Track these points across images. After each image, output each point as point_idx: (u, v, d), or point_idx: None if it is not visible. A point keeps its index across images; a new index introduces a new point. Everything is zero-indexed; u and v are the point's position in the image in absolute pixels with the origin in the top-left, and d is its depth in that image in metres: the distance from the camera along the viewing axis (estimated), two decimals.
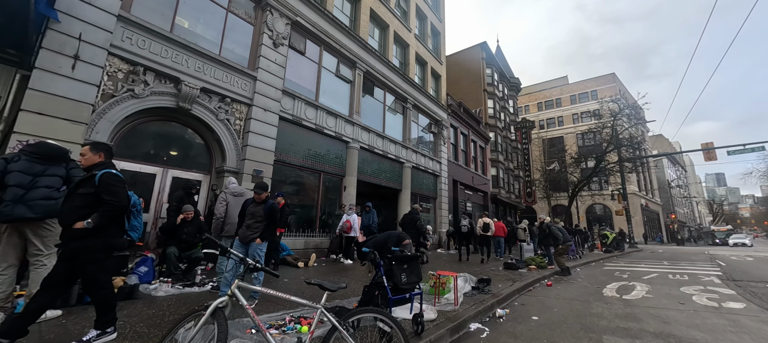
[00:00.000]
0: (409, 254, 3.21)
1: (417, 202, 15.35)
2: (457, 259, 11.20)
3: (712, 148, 20.53)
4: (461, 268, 8.56)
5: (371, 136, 12.46)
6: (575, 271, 9.49)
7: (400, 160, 14.07)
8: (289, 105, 9.33)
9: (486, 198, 23.51)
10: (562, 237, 8.65)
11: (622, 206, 23.13)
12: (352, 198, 11.12)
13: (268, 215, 4.14)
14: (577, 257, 12.80)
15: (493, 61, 28.06)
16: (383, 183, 13.11)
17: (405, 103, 15.06)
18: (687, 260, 13.48)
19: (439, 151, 17.43)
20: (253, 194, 4.26)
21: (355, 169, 11.36)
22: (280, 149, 9.01)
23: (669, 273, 9.01)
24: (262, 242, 4.09)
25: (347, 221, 8.80)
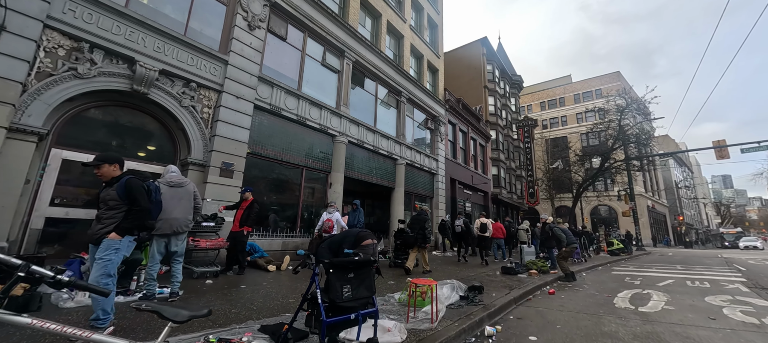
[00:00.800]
0: (357, 259, 2.39)
1: (412, 201, 14.53)
2: (456, 261, 10.43)
3: (724, 145, 19.53)
4: (455, 272, 7.72)
5: (361, 130, 11.66)
6: (581, 276, 8.61)
7: (393, 157, 13.25)
8: (267, 93, 8.56)
9: (486, 198, 22.62)
10: (565, 239, 7.79)
11: (629, 206, 22.12)
12: (339, 196, 10.31)
13: (125, 196, 2.95)
14: (582, 260, 11.90)
15: (493, 58, 27.20)
16: (374, 181, 12.29)
17: (399, 97, 14.25)
18: (701, 264, 12.52)
19: (436, 149, 16.60)
20: None
21: (342, 164, 10.56)
22: (256, 141, 8.23)
23: (686, 279, 8.10)
24: (120, 237, 2.86)
25: (328, 219, 7.98)
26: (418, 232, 7.48)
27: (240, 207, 6.23)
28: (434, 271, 7.76)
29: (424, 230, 7.50)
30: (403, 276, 6.77)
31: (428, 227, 7.61)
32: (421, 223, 7.62)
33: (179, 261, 4.05)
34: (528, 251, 9.61)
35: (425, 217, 7.86)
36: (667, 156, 21.66)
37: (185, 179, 4.22)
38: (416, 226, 7.62)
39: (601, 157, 20.29)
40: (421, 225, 7.56)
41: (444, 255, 12.75)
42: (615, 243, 15.78)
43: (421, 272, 7.49)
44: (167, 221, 3.85)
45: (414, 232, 7.58)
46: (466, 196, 19.95)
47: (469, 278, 6.97)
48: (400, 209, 13.21)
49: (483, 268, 8.85)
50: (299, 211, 9.21)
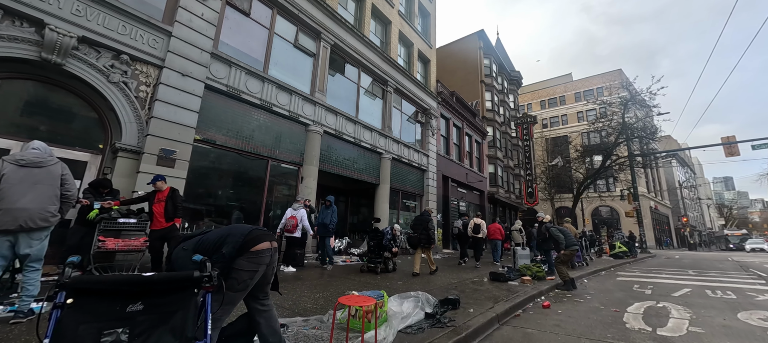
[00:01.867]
0: (152, 279, 1.31)
1: (399, 198, 13.47)
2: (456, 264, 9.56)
3: (734, 142, 18.42)
4: (439, 278, 6.64)
5: (340, 120, 10.60)
6: (582, 283, 7.52)
7: (378, 151, 12.18)
8: (223, 73, 7.50)
9: (482, 197, 21.53)
10: (564, 240, 6.71)
11: (633, 206, 21.01)
12: (312, 191, 9.25)
13: None
14: (584, 263, 10.80)
15: (491, 52, 26.14)
16: (356, 176, 11.21)
17: (385, 87, 13.19)
18: (715, 269, 11.41)
19: (427, 144, 15.52)
20: None
21: (316, 157, 9.49)
22: (208, 127, 7.17)
23: (705, 287, 7.01)
24: None
25: (292, 217, 6.92)
26: (422, 232, 7.34)
27: (155, 200, 5.12)
28: (415, 276, 6.69)
29: (428, 231, 7.31)
30: (372, 285, 5.71)
31: (432, 227, 7.44)
32: (424, 223, 7.43)
33: (34, 269, 2.98)
34: (522, 254, 8.52)
35: (428, 217, 7.57)
36: (672, 153, 20.54)
37: (49, 157, 3.14)
38: (420, 226, 7.46)
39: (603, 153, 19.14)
40: (425, 226, 7.37)
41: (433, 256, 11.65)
42: (618, 246, 14.67)
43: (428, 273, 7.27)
44: (10, 211, 2.78)
45: (417, 232, 7.44)
46: (460, 194, 18.87)
47: (449, 286, 5.89)
48: (385, 207, 12.14)
49: (470, 273, 7.77)
50: (263, 208, 8.14)
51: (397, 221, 13.14)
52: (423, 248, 7.37)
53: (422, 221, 7.51)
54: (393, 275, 6.80)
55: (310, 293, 4.69)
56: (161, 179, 5.28)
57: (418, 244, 7.35)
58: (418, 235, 7.37)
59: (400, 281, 6.14)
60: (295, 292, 4.73)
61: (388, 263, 7.25)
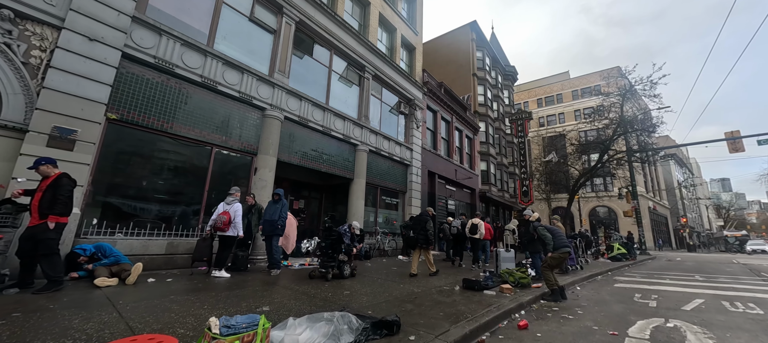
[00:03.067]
0: None
1: (378, 195, 12.33)
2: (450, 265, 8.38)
3: (739, 137, 17.38)
4: (390, 289, 5.50)
5: (305, 106, 9.45)
6: (573, 291, 6.40)
7: (352, 141, 11.03)
8: (151, 42, 6.33)
9: (473, 196, 20.43)
10: (552, 241, 5.58)
11: (632, 206, 19.93)
12: (268, 184, 8.09)
13: None
14: (577, 267, 9.68)
15: (484, 44, 25.06)
16: (324, 169, 10.06)
17: (362, 73, 12.05)
18: (723, 273, 10.33)
19: (411, 137, 14.39)
20: None
21: (274, 145, 8.34)
22: (128, 104, 6.01)
23: (720, 298, 5.90)
24: None
25: (225, 212, 5.76)
26: (420, 233, 7.12)
27: (37, 189, 4.00)
28: (386, 281, 5.55)
29: (426, 231, 7.10)
30: (313, 296, 4.58)
31: (430, 227, 7.19)
32: (422, 223, 7.20)
33: None
34: (505, 256, 7.40)
35: (427, 217, 7.33)
36: (672, 149, 19.48)
37: None
38: (418, 227, 7.25)
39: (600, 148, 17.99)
40: (423, 226, 7.16)
41: (408, 259, 10.51)
42: (616, 247, 13.57)
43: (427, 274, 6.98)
44: None
45: (415, 233, 7.21)
46: (448, 192, 17.75)
47: (406, 297, 4.75)
48: (360, 204, 11.00)
49: (442, 279, 6.63)
50: (203, 202, 6.97)
51: (375, 219, 12.02)
52: (421, 248, 7.09)
53: (421, 221, 7.26)
54: (347, 283, 5.65)
55: (196, 309, 3.53)
56: (47, 162, 4.14)
57: (416, 244, 7.12)
58: (416, 235, 7.12)
59: (348, 291, 4.98)
60: (170, 309, 3.57)
61: (344, 268, 6.09)
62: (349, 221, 10.74)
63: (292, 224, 8.28)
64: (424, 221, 7.22)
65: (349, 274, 6.17)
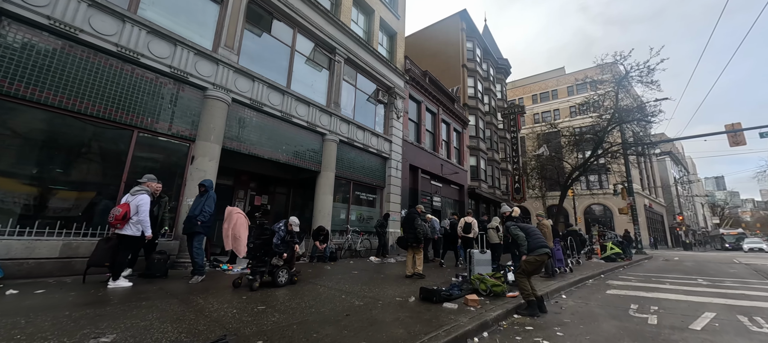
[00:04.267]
0: None
1: (351, 190, 11.24)
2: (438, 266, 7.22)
3: (739, 129, 16.45)
4: (329, 298, 4.41)
5: (259, 87, 8.32)
6: (557, 301, 5.35)
7: (318, 130, 9.92)
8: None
9: (462, 192, 19.38)
10: (525, 242, 4.51)
11: (628, 202, 18.97)
12: (211, 174, 6.99)
13: None
14: (566, 269, 8.65)
15: (474, 34, 23.98)
16: (283, 160, 8.94)
17: (332, 56, 10.93)
18: (727, 275, 9.35)
19: (391, 127, 13.30)
20: None
21: (218, 131, 7.21)
22: (10, 73, 4.86)
23: (734, 309, 4.88)
24: None
25: (122, 204, 4.63)
26: (409, 232, 6.88)
27: None
28: (352, 284, 4.46)
29: (415, 230, 6.81)
30: (198, 319, 3.48)
31: (418, 225, 6.89)
32: (410, 222, 6.97)
33: None
34: (480, 258, 6.32)
35: (414, 215, 7.05)
36: (670, 143, 18.53)
37: None
38: (407, 225, 7.02)
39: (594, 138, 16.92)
40: (411, 224, 6.90)
41: (384, 261, 9.43)
42: (609, 247, 12.57)
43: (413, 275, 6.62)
44: None
45: (405, 233, 6.98)
46: (434, 188, 16.68)
47: (340, 312, 3.66)
48: (327, 200, 9.90)
49: (402, 286, 5.55)
50: (120, 194, 5.82)
51: (347, 216, 10.93)
52: (412, 248, 6.83)
53: (408, 219, 7.01)
54: (276, 294, 4.55)
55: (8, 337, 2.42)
56: None
57: (407, 244, 6.88)
58: (407, 235, 6.89)
59: (263, 306, 3.89)
60: None
61: (278, 274, 4.98)
62: (314, 219, 9.67)
63: (243, 224, 7.16)
64: (412, 220, 6.94)
65: (285, 281, 5.07)
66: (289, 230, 5.25)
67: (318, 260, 8.83)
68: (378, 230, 10.92)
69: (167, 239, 6.33)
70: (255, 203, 10.35)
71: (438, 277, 7.01)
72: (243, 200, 10.00)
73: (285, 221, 5.29)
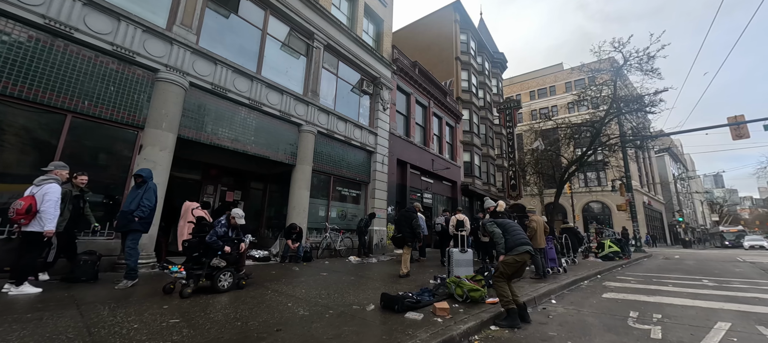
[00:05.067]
0: None
1: (331, 185, 10.52)
2: None
3: (743, 122, 15.76)
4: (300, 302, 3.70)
5: (223, 71, 7.59)
6: (545, 308, 4.65)
7: (293, 120, 9.20)
8: None
9: (455, 189, 18.68)
10: (501, 239, 3.81)
11: (626, 199, 18.30)
12: (162, 165, 6.26)
13: None
14: (559, 270, 7.95)
15: (469, 26, 23.23)
16: (251, 151, 8.20)
17: (310, 42, 10.20)
18: (732, 274, 8.68)
19: (376, 120, 12.58)
20: None
21: (171, 117, 6.48)
22: None
23: (751, 317, 4.19)
24: None
25: (25, 197, 3.90)
26: (406, 230, 6.73)
27: None
28: (342, 287, 3.74)
29: (412, 228, 6.69)
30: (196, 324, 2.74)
31: (416, 224, 6.77)
32: (408, 220, 6.81)
33: None
34: (460, 259, 5.61)
35: (413, 213, 6.90)
36: (671, 136, 17.77)
37: None
38: (404, 223, 6.87)
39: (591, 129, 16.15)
40: (409, 223, 6.76)
41: (366, 261, 8.72)
42: (607, 245, 11.88)
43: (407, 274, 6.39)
44: None
45: (401, 231, 6.84)
46: (424, 184, 15.98)
47: (281, 323, 2.94)
48: (303, 195, 9.19)
49: (366, 291, 4.84)
50: None
51: (327, 213, 10.21)
52: (408, 246, 6.67)
53: (407, 217, 6.85)
54: (208, 302, 3.84)
55: None
56: None
57: (404, 243, 6.71)
58: (403, 234, 6.73)
59: (178, 318, 3.17)
60: None
61: (218, 279, 4.26)
62: (288, 216, 8.95)
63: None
64: (410, 218, 6.74)
65: (228, 286, 4.35)
66: (232, 224, 4.52)
67: (290, 261, 8.13)
68: (359, 229, 10.26)
69: (104, 237, 5.60)
70: (226, 198, 9.63)
71: (427, 277, 6.30)
72: (212, 196, 9.27)
73: (227, 214, 4.56)
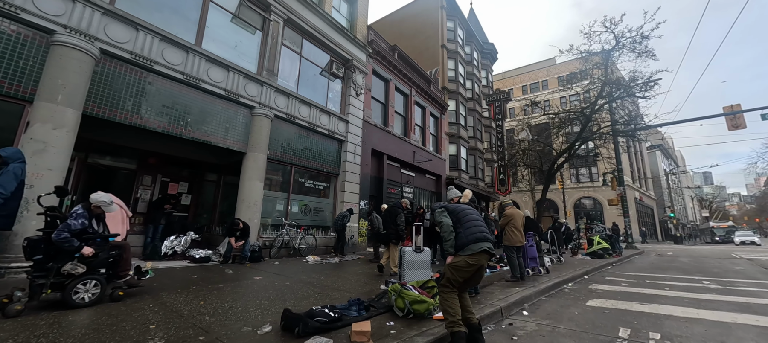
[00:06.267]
0: None
1: (292, 177, 9.43)
2: None
3: (739, 111, 15.01)
4: None
5: (147, 39, 6.42)
6: (511, 324, 3.66)
7: (244, 101, 8.07)
8: None
9: (439, 183, 17.70)
10: (450, 233, 2.80)
11: (618, 193, 17.49)
12: (60, 146, 5.12)
13: None
14: (540, 270, 6.97)
15: (456, 13, 22.17)
16: (187, 135, 7.05)
17: (267, 15, 9.04)
18: (733, 274, 7.81)
19: (348, 106, 11.48)
20: None
21: (70, 91, 5.31)
22: None
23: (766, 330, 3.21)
24: None
25: None
26: (391, 227, 6.47)
27: None
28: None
29: (397, 226, 6.37)
30: None
31: (401, 221, 6.43)
32: (393, 217, 6.55)
33: None
34: (415, 259, 4.57)
35: (398, 211, 6.61)
36: (663, 127, 16.95)
37: None
38: (388, 220, 6.62)
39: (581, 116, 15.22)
40: (393, 220, 6.48)
41: (339, 259, 7.65)
42: (596, 241, 10.98)
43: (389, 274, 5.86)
44: None
45: (387, 228, 6.63)
46: (405, 178, 14.94)
47: None
48: (256, 188, 8.09)
49: (279, 305, 3.77)
50: None
51: (286, 208, 9.11)
52: (393, 244, 6.37)
53: (391, 214, 6.66)
54: (39, 323, 2.74)
55: None
56: None
57: (388, 240, 6.55)
58: (387, 230, 6.61)
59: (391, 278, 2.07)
60: None
61: (73, 290, 3.16)
62: (237, 210, 7.84)
63: (115, 217, 5.33)
64: (394, 215, 6.54)
65: (91, 299, 3.24)
66: (95, 214, 3.41)
67: (235, 261, 7.04)
68: (337, 226, 9.33)
69: None
70: (169, 191, 8.46)
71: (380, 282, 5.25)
72: (150, 188, 8.10)
73: (83, 204, 3.44)
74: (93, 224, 3.42)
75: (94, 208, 3.40)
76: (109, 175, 7.62)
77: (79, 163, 7.03)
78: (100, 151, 7.54)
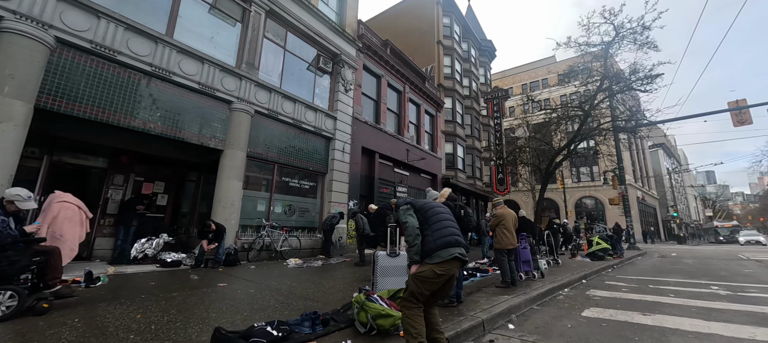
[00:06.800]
0: None
1: (274, 175, 8.98)
2: None
3: (744, 106, 14.47)
4: None
5: (109, 29, 5.99)
6: (493, 341, 3.15)
7: (220, 95, 7.63)
8: None
9: (435, 183, 17.21)
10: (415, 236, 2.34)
11: (619, 192, 16.96)
12: (5, 146, 4.66)
13: None
14: (534, 274, 6.48)
15: (452, 9, 21.70)
16: (156, 131, 6.61)
17: (246, 5, 8.60)
18: (743, 277, 7.30)
19: (336, 102, 11.03)
20: None
21: (19, 82, 4.90)
22: None
23: None
24: None
25: None
26: (380, 229, 6.51)
27: None
28: None
29: (386, 227, 5.84)
30: None
31: (389, 221, 6.01)
32: (381, 218, 6.61)
33: None
34: (388, 265, 4.11)
35: (387, 211, 6.53)
36: (666, 124, 16.39)
37: None
38: (378, 222, 6.73)
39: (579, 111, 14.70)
40: (382, 221, 6.44)
41: (327, 261, 7.19)
42: (595, 241, 10.47)
43: None
44: None
45: (375, 230, 6.89)
46: (399, 177, 14.48)
47: None
48: (234, 187, 7.63)
49: (223, 318, 3.32)
50: None
51: (269, 208, 8.66)
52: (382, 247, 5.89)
53: (380, 215, 6.75)
54: None
55: None
56: None
57: (376, 243, 6.60)
58: (376, 234, 6.74)
59: None
60: None
61: None
62: (213, 211, 7.40)
63: (69, 217, 4.93)
64: (383, 216, 6.55)
65: (5, 313, 2.79)
66: (9, 212, 2.95)
67: (207, 265, 6.59)
68: (325, 227, 8.93)
69: None
70: (143, 191, 8.02)
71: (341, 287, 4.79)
72: (122, 187, 7.66)
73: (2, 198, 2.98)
74: (11, 224, 2.97)
75: (7, 204, 2.95)
76: (77, 174, 7.18)
77: (48, 163, 6.61)
78: (70, 150, 7.10)
